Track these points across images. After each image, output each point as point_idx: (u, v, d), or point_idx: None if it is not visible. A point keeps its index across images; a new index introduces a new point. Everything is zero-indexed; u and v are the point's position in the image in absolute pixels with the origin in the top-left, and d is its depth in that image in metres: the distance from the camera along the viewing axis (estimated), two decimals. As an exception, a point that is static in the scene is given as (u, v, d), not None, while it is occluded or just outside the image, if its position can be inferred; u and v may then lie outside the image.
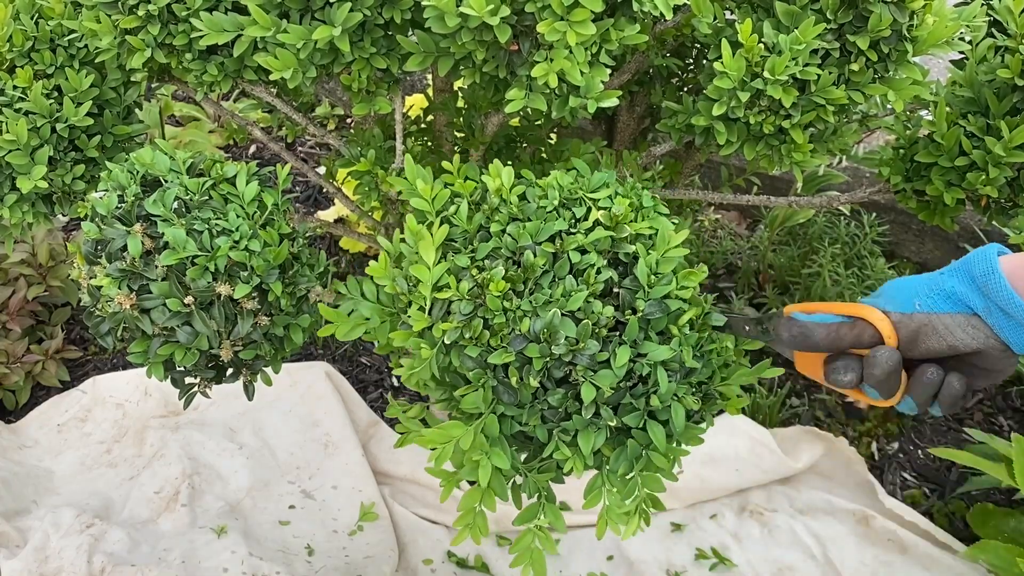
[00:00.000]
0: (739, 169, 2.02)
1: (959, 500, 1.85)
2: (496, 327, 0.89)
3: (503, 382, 0.91)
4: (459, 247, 0.96)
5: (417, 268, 0.93)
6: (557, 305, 0.89)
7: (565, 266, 0.92)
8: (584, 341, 0.88)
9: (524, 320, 0.89)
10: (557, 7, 0.90)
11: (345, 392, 2.00)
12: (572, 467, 0.92)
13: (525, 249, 0.93)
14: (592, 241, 0.93)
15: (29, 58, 1.22)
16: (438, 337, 0.91)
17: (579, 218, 0.96)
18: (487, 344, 0.90)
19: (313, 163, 2.71)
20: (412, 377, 0.95)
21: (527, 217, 0.96)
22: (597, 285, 0.91)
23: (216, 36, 1.05)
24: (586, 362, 0.88)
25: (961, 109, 1.16)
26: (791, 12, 1.05)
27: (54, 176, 1.21)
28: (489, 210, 0.97)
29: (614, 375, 0.89)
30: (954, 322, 0.82)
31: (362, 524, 1.76)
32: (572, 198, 0.98)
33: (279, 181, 1.08)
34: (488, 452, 0.91)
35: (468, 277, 0.92)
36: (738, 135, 1.13)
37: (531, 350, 0.88)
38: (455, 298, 0.91)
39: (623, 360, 0.88)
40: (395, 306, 0.99)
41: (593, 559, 1.73)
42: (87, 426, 1.94)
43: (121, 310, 0.97)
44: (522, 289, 0.91)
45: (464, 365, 0.91)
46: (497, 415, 0.92)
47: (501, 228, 0.95)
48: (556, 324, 0.88)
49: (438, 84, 1.44)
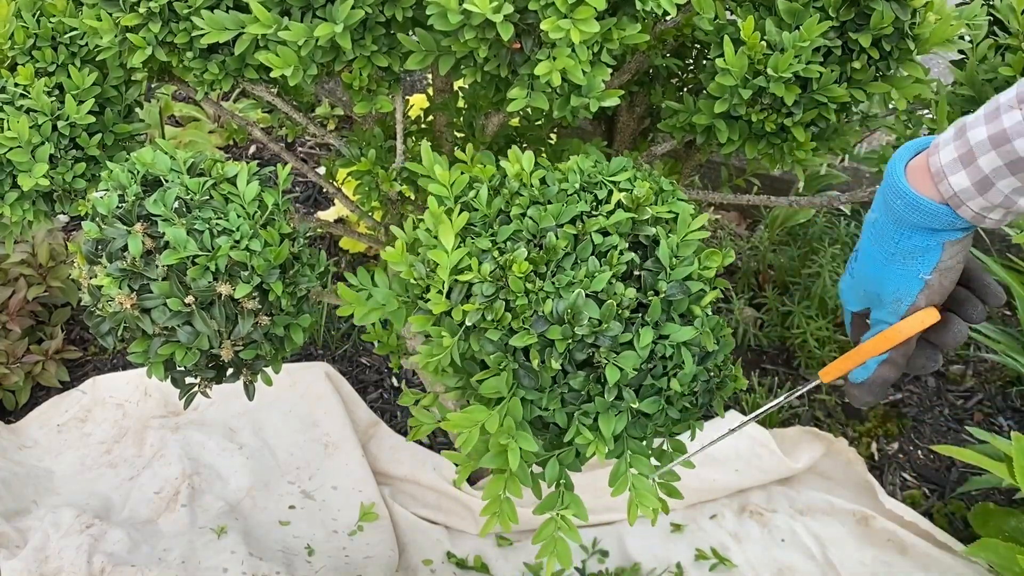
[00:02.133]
0: (739, 169, 2.02)
1: (959, 500, 1.85)
2: (518, 309, 0.89)
3: (524, 365, 0.91)
4: (479, 231, 0.95)
5: (436, 252, 0.93)
6: (581, 286, 0.89)
7: (588, 248, 0.92)
8: (607, 322, 0.88)
9: (547, 301, 0.89)
10: (561, 5, 0.90)
11: (345, 392, 1.99)
12: (594, 451, 0.91)
13: (547, 231, 0.93)
14: (614, 223, 0.93)
15: (31, 56, 1.22)
16: (458, 320, 0.91)
17: (601, 200, 0.96)
18: (508, 327, 0.90)
19: (313, 163, 2.71)
20: (431, 364, 0.94)
21: (548, 200, 0.95)
22: (620, 266, 0.91)
23: (217, 34, 1.05)
24: (609, 344, 0.88)
25: (962, 108, 1.16)
26: (793, 9, 1.05)
27: (55, 174, 1.21)
28: (509, 194, 0.97)
29: (637, 356, 0.88)
30: (945, 261, 0.88)
31: (362, 524, 1.76)
32: (593, 182, 0.98)
33: (279, 181, 1.08)
34: (515, 435, 0.90)
35: (489, 259, 0.92)
36: (739, 133, 1.13)
37: (553, 332, 0.88)
38: (476, 280, 0.91)
39: (647, 341, 0.88)
40: (409, 294, 0.99)
41: (592, 558, 1.73)
42: (87, 426, 1.93)
43: (122, 310, 0.97)
44: (544, 271, 0.91)
45: (484, 349, 0.91)
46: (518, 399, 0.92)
47: (522, 212, 0.95)
48: (580, 305, 0.88)
49: (438, 84, 1.44)
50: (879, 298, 0.92)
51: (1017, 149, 0.77)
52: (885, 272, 0.90)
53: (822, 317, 2.12)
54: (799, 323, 2.11)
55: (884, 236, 0.89)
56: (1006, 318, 2.18)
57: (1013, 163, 0.78)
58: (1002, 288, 0.92)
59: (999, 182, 0.79)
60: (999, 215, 0.83)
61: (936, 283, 0.88)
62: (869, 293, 0.94)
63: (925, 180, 0.84)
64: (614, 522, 1.78)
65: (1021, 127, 0.77)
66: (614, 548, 1.75)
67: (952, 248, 0.87)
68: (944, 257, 0.87)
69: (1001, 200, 0.81)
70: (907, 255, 0.88)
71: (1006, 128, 0.77)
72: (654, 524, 0.96)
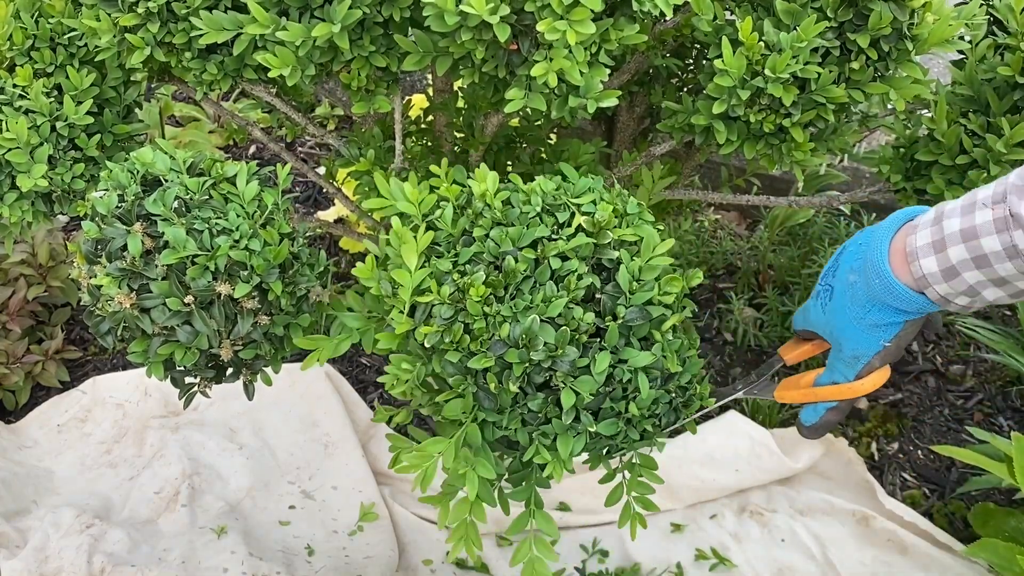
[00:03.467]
0: (739, 169, 2.02)
1: (959, 500, 1.85)
2: (476, 332, 0.90)
3: (483, 388, 0.91)
4: (442, 251, 0.96)
5: (399, 272, 0.93)
6: (537, 311, 0.89)
7: (546, 272, 0.92)
8: (563, 347, 0.88)
9: (504, 325, 0.89)
10: (557, 6, 0.90)
11: (345, 392, 2.00)
12: (552, 472, 0.92)
13: (507, 254, 0.93)
14: (573, 247, 0.93)
15: (29, 56, 1.22)
16: (420, 340, 0.92)
17: (562, 223, 0.96)
18: (468, 349, 0.90)
19: (313, 163, 2.71)
20: (398, 386, 0.95)
21: (510, 222, 0.96)
22: (577, 291, 0.91)
23: (216, 34, 1.05)
24: (566, 368, 0.89)
25: (961, 107, 1.16)
26: (791, 10, 1.05)
27: (54, 175, 1.21)
28: (473, 215, 0.97)
29: (594, 381, 0.89)
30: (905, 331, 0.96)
31: (362, 524, 1.76)
32: (556, 204, 0.98)
33: (279, 181, 1.08)
34: (473, 463, 0.91)
35: (449, 281, 0.92)
36: (738, 134, 1.13)
37: (511, 355, 0.88)
38: (436, 302, 0.91)
39: (603, 366, 0.89)
40: (382, 309, 0.99)
41: (592, 558, 1.73)
42: (87, 426, 1.94)
43: (121, 309, 0.97)
44: (503, 294, 0.92)
45: (445, 371, 0.92)
46: (479, 421, 0.93)
47: (484, 233, 0.95)
48: (535, 330, 0.88)
49: (438, 84, 1.44)
50: (839, 345, 1.00)
51: (983, 246, 0.82)
52: (851, 330, 0.97)
53: (822, 317, 2.12)
54: (799, 323, 2.10)
55: (857, 302, 0.96)
56: (1006, 318, 2.18)
57: (978, 259, 0.83)
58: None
59: (964, 273, 0.85)
60: (964, 301, 0.88)
61: (894, 348, 0.97)
62: (830, 334, 1.02)
63: (902, 262, 0.90)
64: (614, 522, 1.78)
65: (990, 227, 0.81)
66: (614, 548, 1.75)
67: (915, 323, 0.95)
68: (906, 329, 0.95)
69: (965, 289, 0.86)
70: (874, 326, 0.95)
71: (976, 225, 0.82)
72: (644, 527, 0.98)
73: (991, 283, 0.85)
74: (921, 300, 0.90)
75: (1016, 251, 0.80)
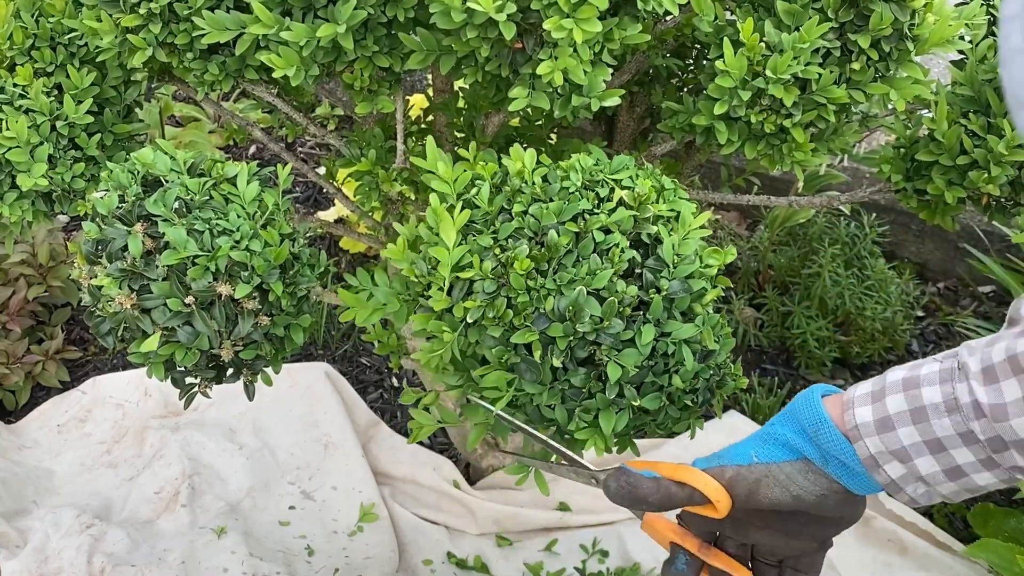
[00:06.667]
0: (739, 169, 2.02)
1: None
2: (519, 306, 0.89)
3: (526, 359, 0.91)
4: (480, 228, 0.96)
5: (437, 249, 0.93)
6: (582, 283, 0.89)
7: (589, 245, 0.92)
8: (609, 320, 0.88)
9: (549, 299, 0.89)
10: (564, 4, 0.90)
11: (345, 393, 1.99)
12: (593, 446, 0.92)
13: (548, 229, 0.93)
14: (616, 221, 0.93)
15: (29, 56, 1.22)
16: (459, 317, 0.91)
17: (603, 198, 0.96)
18: (510, 323, 0.90)
19: (313, 163, 2.71)
20: (432, 360, 0.94)
21: (549, 198, 0.96)
22: (621, 264, 0.91)
23: (218, 34, 1.05)
24: (610, 341, 0.88)
25: (962, 108, 1.16)
26: (792, 11, 1.05)
27: (54, 174, 1.21)
28: (511, 192, 0.97)
29: (639, 353, 0.89)
30: (794, 469, 0.80)
31: (362, 525, 1.76)
32: (594, 180, 0.98)
33: (280, 181, 1.08)
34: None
35: (491, 256, 0.92)
36: (739, 134, 1.13)
37: (555, 329, 0.88)
38: (478, 277, 0.91)
39: (648, 338, 0.89)
40: (410, 292, 0.99)
41: (592, 558, 1.73)
42: (87, 426, 1.93)
43: (122, 310, 0.97)
44: (546, 268, 0.91)
45: (485, 344, 0.91)
46: (516, 397, 0.93)
47: (523, 209, 0.95)
48: (581, 302, 0.88)
49: (438, 84, 1.44)
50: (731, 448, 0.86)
51: (923, 395, 0.75)
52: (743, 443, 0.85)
53: (822, 317, 2.12)
54: (799, 323, 2.11)
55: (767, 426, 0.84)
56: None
57: (916, 410, 0.75)
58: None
59: (900, 428, 0.76)
60: (894, 470, 0.77)
61: (753, 479, 0.81)
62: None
63: (836, 406, 0.80)
64: (614, 522, 1.78)
65: (935, 376, 0.75)
66: (614, 548, 1.75)
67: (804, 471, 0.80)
68: (788, 470, 0.80)
69: (897, 449, 0.76)
70: (764, 437, 0.83)
71: (920, 375, 0.76)
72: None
73: (926, 447, 0.75)
74: (843, 446, 0.78)
75: (956, 404, 0.73)
